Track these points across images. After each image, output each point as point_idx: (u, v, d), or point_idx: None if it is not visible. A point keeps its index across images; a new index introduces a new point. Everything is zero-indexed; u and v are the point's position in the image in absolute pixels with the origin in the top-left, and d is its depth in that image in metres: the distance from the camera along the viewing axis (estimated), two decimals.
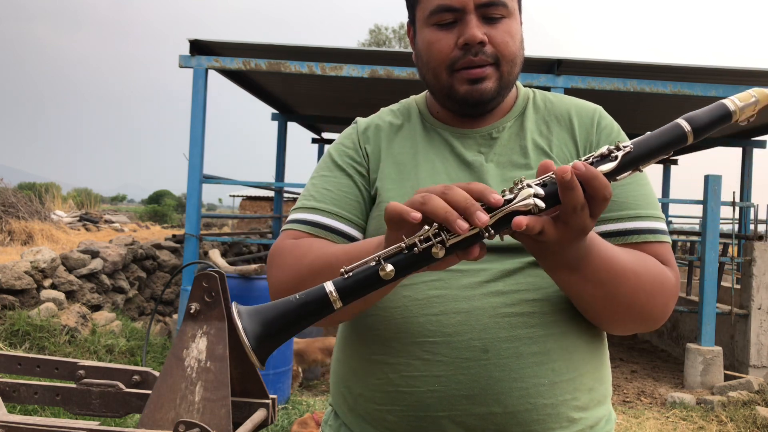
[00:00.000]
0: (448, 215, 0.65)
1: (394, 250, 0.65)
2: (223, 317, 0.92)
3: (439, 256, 0.65)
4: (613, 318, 0.90)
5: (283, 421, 3.98)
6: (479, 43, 0.94)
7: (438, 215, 0.66)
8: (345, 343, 1.03)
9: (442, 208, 0.66)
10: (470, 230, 0.66)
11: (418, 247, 0.65)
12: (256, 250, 9.55)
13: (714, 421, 4.46)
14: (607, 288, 0.84)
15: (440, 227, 0.66)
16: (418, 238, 0.65)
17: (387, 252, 0.65)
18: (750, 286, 5.67)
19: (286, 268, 0.94)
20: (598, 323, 0.93)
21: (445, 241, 0.65)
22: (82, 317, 5.00)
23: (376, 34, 33.89)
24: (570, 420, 0.91)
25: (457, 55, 0.96)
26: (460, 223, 0.65)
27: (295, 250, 0.95)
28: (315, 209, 1.01)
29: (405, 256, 0.65)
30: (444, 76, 0.98)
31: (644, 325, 0.92)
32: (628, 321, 0.90)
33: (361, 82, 6.37)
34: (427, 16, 0.98)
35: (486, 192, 0.67)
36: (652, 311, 0.89)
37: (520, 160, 0.99)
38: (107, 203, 40.09)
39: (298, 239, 0.98)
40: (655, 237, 0.95)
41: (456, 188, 0.68)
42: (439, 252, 0.65)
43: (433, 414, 0.90)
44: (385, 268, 0.64)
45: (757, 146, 8.83)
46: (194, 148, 5.39)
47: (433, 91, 1.04)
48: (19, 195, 8.73)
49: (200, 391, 0.85)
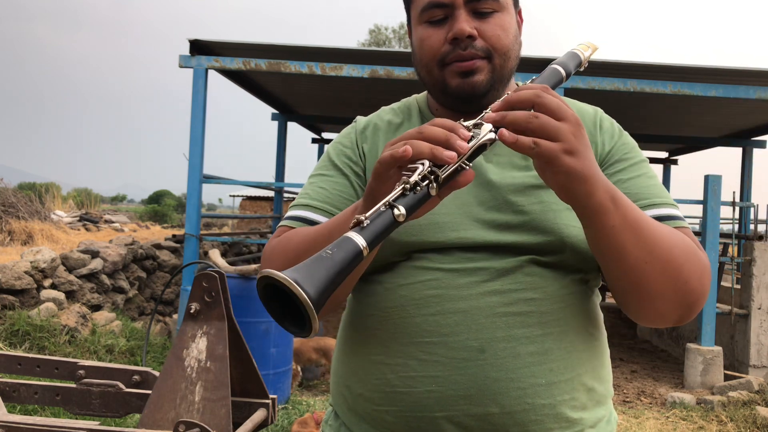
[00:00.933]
0: (434, 150, 0.72)
1: (398, 191, 0.70)
2: (223, 317, 0.92)
3: (433, 193, 0.71)
4: (652, 280, 0.84)
5: (283, 421, 3.98)
6: (468, 37, 0.94)
7: (424, 152, 0.72)
8: (345, 343, 1.04)
9: (426, 146, 0.73)
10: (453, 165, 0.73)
11: (420, 186, 0.70)
12: (256, 250, 9.55)
13: (714, 421, 4.46)
14: (644, 234, 0.82)
15: (431, 165, 0.72)
16: (418, 178, 0.71)
17: (393, 195, 0.70)
18: (750, 286, 5.68)
19: (274, 258, 0.96)
20: (636, 293, 0.87)
21: (439, 177, 0.72)
22: (82, 317, 5.00)
23: (376, 34, 33.90)
24: (569, 420, 0.91)
25: (446, 50, 0.96)
26: (449, 153, 0.72)
27: (282, 241, 0.97)
28: (309, 206, 1.02)
29: (410, 197, 0.70)
30: (436, 72, 0.99)
31: (678, 294, 0.85)
32: (666, 286, 0.85)
33: (361, 82, 6.37)
34: (419, 14, 0.99)
35: (456, 126, 0.75)
36: (688, 276, 0.85)
37: (520, 162, 0.99)
38: (107, 203, 40.09)
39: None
40: (675, 222, 0.93)
41: (429, 126, 0.75)
42: (434, 188, 0.71)
43: (430, 414, 0.90)
44: (400, 209, 0.68)
45: (757, 146, 8.83)
46: (194, 148, 5.40)
47: (429, 87, 1.04)
48: (19, 195, 8.73)
49: (200, 391, 0.85)
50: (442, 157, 0.71)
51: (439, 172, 0.72)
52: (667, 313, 0.87)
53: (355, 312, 1.02)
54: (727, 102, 6.38)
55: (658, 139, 9.11)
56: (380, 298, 0.96)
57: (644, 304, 0.88)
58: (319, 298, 0.60)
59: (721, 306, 5.83)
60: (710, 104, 6.77)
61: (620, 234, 0.81)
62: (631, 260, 0.82)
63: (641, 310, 0.89)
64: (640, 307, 0.89)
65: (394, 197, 0.69)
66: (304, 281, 0.60)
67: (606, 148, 1.01)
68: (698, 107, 7.08)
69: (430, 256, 0.94)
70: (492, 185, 0.97)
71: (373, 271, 0.98)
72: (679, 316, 0.88)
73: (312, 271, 0.61)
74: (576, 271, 0.95)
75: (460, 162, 0.73)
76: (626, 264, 0.83)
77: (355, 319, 1.01)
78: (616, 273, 0.86)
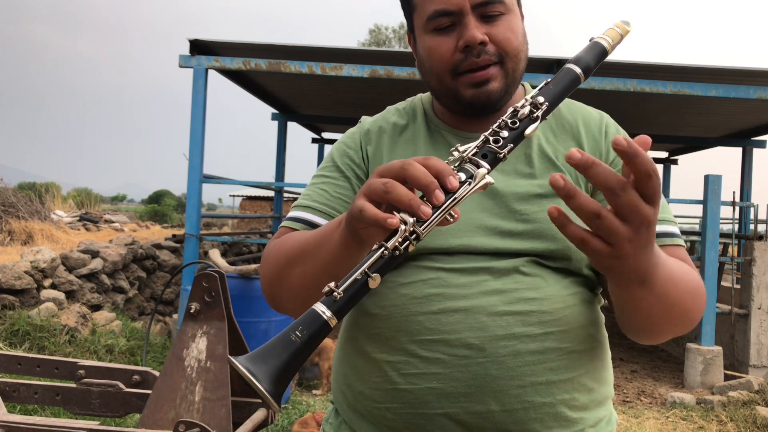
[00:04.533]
0: (412, 203, 0.68)
1: (376, 257, 0.67)
2: (223, 317, 0.92)
3: (412, 249, 0.68)
4: (663, 328, 0.88)
5: (283, 421, 3.98)
6: (480, 43, 0.93)
7: (402, 203, 0.69)
8: (347, 341, 1.04)
9: (405, 196, 0.69)
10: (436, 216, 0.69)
11: (399, 250, 0.67)
12: (256, 250, 9.55)
13: (714, 421, 4.46)
14: (668, 298, 0.82)
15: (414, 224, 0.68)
16: (398, 242, 0.67)
17: (370, 262, 0.67)
18: (750, 286, 5.68)
19: (270, 260, 0.97)
20: (645, 334, 0.91)
21: (420, 237, 0.68)
22: (82, 317, 5.00)
23: (376, 34, 33.89)
24: (568, 420, 0.91)
25: (459, 58, 0.95)
26: (424, 209, 0.68)
27: (277, 245, 0.98)
28: (309, 208, 1.02)
29: (386, 260, 0.67)
30: (448, 81, 0.97)
31: (684, 330, 0.91)
32: (676, 329, 0.89)
33: (361, 82, 6.36)
34: (425, 23, 0.97)
35: (444, 173, 0.70)
36: (695, 316, 0.89)
37: (524, 169, 0.98)
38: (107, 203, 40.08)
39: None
40: (672, 240, 0.95)
41: (414, 164, 0.71)
42: (414, 246, 0.68)
43: (430, 411, 0.90)
44: (374, 279, 0.66)
45: (757, 146, 8.83)
46: (194, 148, 5.39)
47: (439, 96, 1.03)
48: (19, 195, 8.73)
49: (200, 390, 0.85)
50: (416, 214, 0.68)
51: (420, 230, 0.68)
52: (668, 338, 0.92)
53: (355, 310, 1.02)
54: (727, 102, 6.37)
55: (658, 139, 9.11)
56: (382, 296, 0.96)
57: (648, 339, 0.92)
58: (276, 389, 0.61)
59: (721, 306, 5.83)
60: (710, 104, 6.77)
61: (645, 301, 0.80)
62: (646, 317, 0.85)
63: (642, 340, 0.94)
64: (643, 339, 0.93)
65: (370, 264, 0.67)
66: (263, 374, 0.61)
67: (611, 156, 1.01)
68: (698, 107, 7.07)
69: (433, 256, 0.94)
70: (496, 193, 0.96)
71: None
72: (672, 337, 0.93)
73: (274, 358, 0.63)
74: (578, 274, 0.96)
75: (444, 214, 0.69)
76: (641, 317, 0.85)
77: (355, 317, 1.02)
78: (628, 318, 0.88)
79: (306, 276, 0.88)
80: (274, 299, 0.98)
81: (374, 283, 0.66)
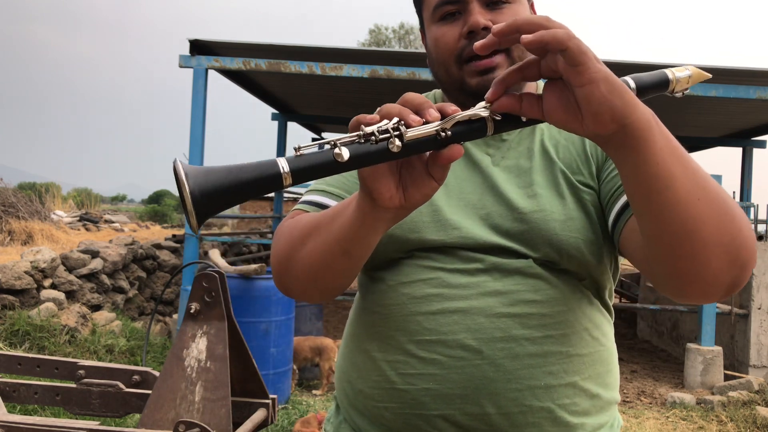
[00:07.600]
0: (402, 111, 0.67)
1: (352, 137, 0.65)
2: (223, 317, 0.92)
3: (395, 150, 0.65)
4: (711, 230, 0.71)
5: (283, 421, 3.98)
6: (484, 29, 0.91)
7: (392, 112, 0.67)
8: (350, 339, 1.04)
9: (396, 107, 0.68)
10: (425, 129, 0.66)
11: (375, 137, 0.65)
12: (256, 250, 9.55)
13: (714, 421, 4.46)
14: (693, 170, 0.70)
15: (399, 123, 0.66)
16: (377, 129, 0.65)
17: (344, 138, 0.65)
18: (750, 286, 5.67)
19: (282, 237, 0.94)
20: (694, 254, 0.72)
21: (403, 135, 0.65)
22: (82, 317, 5.00)
23: (376, 34, 33.89)
24: (568, 425, 0.90)
25: (463, 45, 0.94)
26: (414, 117, 0.66)
27: (291, 223, 0.95)
28: (324, 191, 1.00)
29: (361, 145, 0.65)
30: (454, 70, 0.96)
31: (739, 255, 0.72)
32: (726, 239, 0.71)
33: (361, 82, 6.36)
34: (431, 14, 0.98)
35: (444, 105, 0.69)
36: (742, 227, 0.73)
37: (525, 164, 0.98)
38: (107, 203, 40.06)
39: None
40: None
41: (412, 93, 0.70)
42: (395, 145, 0.65)
43: (427, 412, 0.90)
44: (341, 152, 0.63)
45: (757, 146, 8.83)
46: (194, 148, 5.39)
47: (446, 88, 1.02)
48: (19, 195, 8.73)
49: (200, 391, 0.85)
50: (405, 119, 0.66)
51: (405, 130, 0.66)
52: (720, 275, 0.73)
53: (359, 308, 1.03)
54: (727, 102, 6.37)
55: None
56: (382, 295, 0.96)
57: (697, 262, 0.72)
58: (201, 201, 0.59)
59: (721, 306, 5.83)
60: (710, 104, 6.77)
61: (668, 158, 0.68)
62: (682, 193, 0.69)
63: (692, 271, 0.74)
64: (692, 266, 0.73)
65: (342, 139, 0.65)
66: (196, 179, 0.59)
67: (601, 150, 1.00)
68: (698, 107, 7.07)
69: (433, 256, 0.94)
70: (496, 189, 0.96)
71: (377, 268, 0.98)
72: (732, 279, 0.74)
73: (215, 175, 0.60)
74: (579, 277, 0.94)
75: (437, 129, 0.67)
76: (677, 198, 0.69)
77: (359, 315, 1.02)
78: (666, 215, 0.71)
79: (316, 251, 0.84)
80: (282, 278, 0.93)
81: (340, 156, 0.63)
